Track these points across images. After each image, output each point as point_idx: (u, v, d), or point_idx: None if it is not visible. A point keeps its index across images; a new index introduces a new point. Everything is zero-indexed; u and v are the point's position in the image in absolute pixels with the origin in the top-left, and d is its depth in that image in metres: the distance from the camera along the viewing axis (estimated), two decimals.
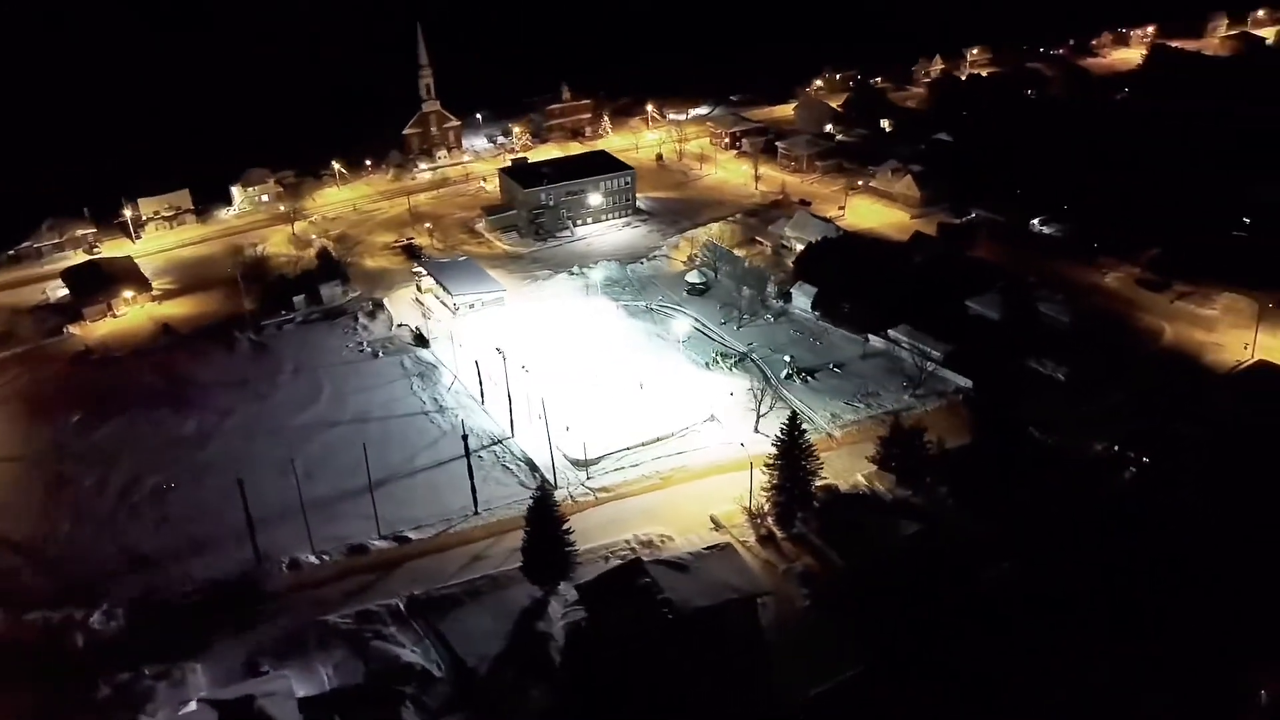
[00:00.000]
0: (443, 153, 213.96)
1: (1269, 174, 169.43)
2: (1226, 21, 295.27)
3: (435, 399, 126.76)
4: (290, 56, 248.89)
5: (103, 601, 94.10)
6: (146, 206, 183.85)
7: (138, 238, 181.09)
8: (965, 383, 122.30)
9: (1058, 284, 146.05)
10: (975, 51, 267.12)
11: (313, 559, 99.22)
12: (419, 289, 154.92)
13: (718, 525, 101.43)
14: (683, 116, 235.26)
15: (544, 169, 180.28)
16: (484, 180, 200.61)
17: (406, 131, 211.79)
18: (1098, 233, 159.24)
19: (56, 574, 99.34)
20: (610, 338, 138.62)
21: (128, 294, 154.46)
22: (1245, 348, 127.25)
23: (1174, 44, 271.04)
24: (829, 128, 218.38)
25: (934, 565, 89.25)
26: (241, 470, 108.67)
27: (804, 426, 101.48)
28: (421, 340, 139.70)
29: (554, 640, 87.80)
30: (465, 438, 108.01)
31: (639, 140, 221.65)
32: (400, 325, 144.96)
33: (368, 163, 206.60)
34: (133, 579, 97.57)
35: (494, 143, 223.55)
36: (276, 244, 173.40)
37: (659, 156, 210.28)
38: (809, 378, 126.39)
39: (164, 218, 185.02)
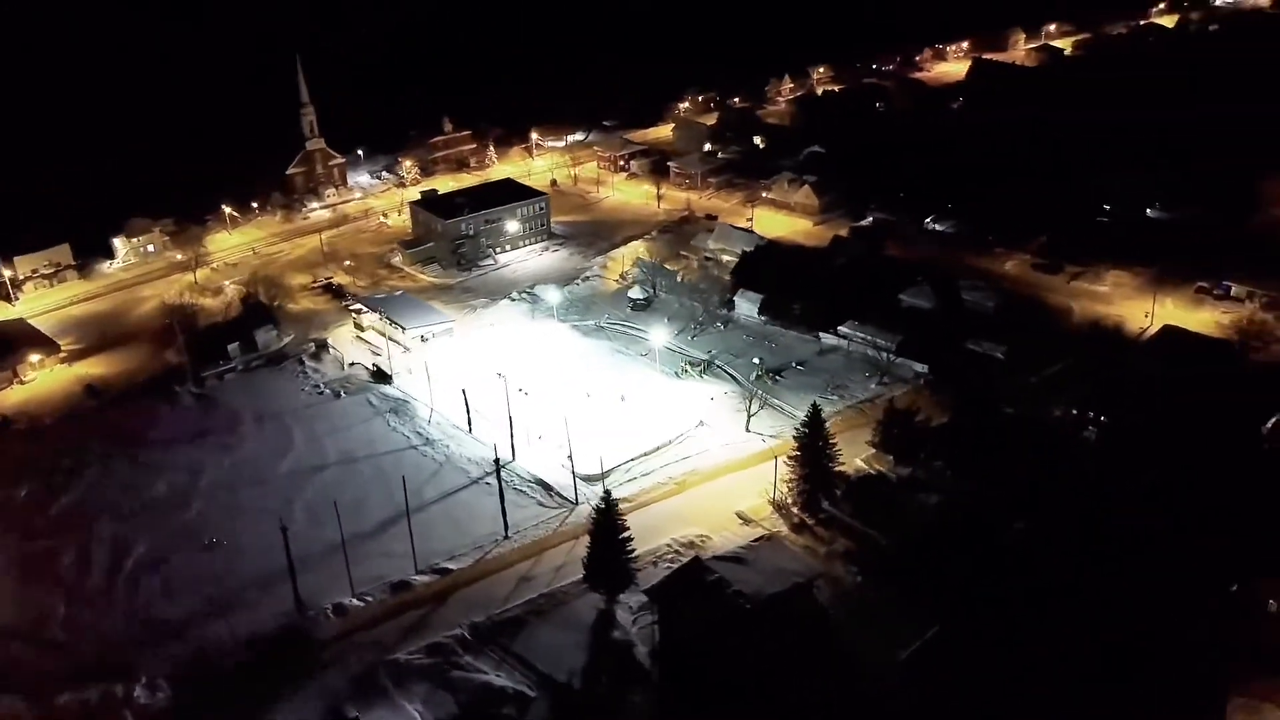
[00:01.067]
0: (330, 191, 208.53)
1: (1115, 167, 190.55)
2: (1024, 35, 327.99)
3: (418, 432, 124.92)
4: (158, 99, 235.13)
5: (139, 674, 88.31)
6: (23, 265, 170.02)
7: (16, 299, 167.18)
8: (921, 367, 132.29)
9: (968, 273, 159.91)
10: (820, 70, 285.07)
11: (356, 601, 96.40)
12: (359, 326, 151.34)
13: (746, 520, 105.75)
14: (561, 143, 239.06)
15: (459, 199, 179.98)
16: (384, 216, 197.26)
17: (291, 171, 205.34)
18: (985, 227, 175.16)
19: (68, 654, 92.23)
20: (572, 357, 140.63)
21: (34, 357, 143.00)
22: (1146, 316, 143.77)
23: (987, 56, 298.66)
24: (708, 147, 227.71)
25: (965, 530, 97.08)
26: (235, 524, 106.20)
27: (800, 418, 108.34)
28: (382, 376, 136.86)
29: (636, 645, 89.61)
30: (497, 461, 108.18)
31: (530, 168, 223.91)
32: (353, 364, 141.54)
33: (254, 205, 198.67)
34: (161, 649, 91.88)
35: (379, 178, 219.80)
36: (176, 294, 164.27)
37: (553, 182, 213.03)
38: (777, 377, 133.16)
39: (43, 276, 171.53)
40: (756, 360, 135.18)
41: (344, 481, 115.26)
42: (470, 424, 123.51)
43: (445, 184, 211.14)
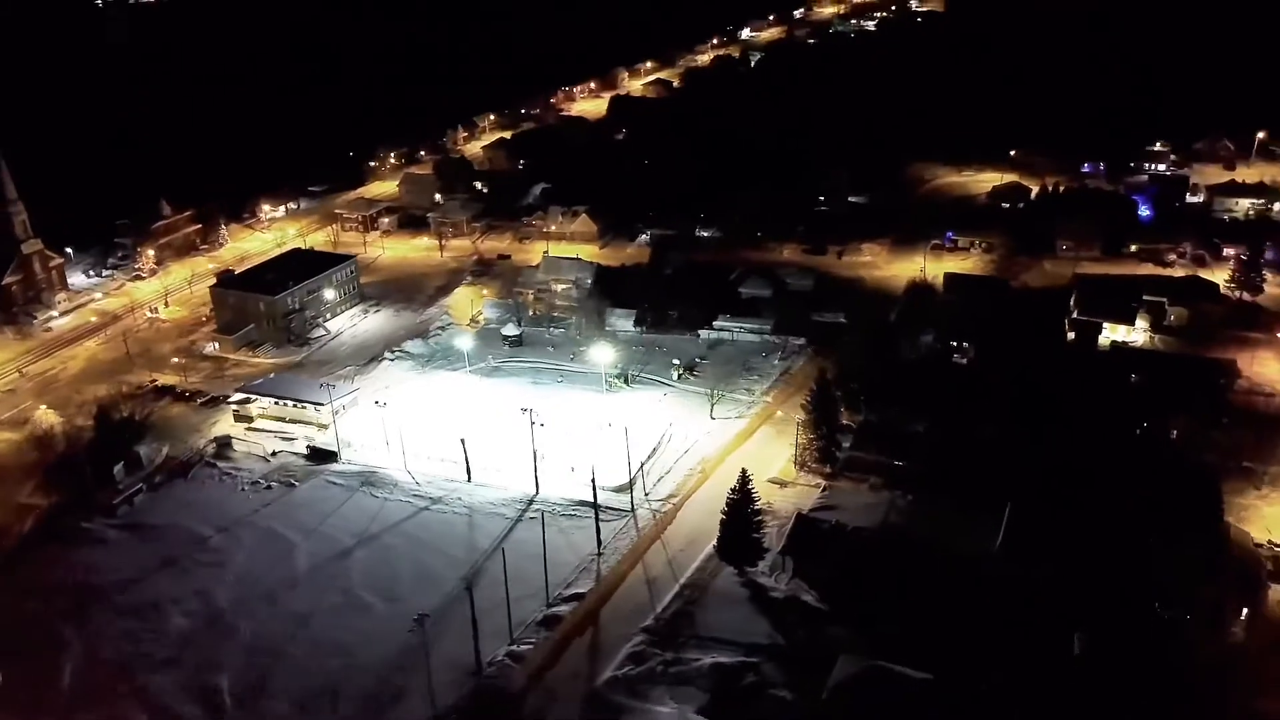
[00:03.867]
0: (61, 295, 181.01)
1: (815, 166, 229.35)
2: (627, 72, 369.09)
3: (416, 495, 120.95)
4: None
5: None
6: None
7: None
8: (800, 340, 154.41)
9: (758, 266, 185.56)
10: (490, 118, 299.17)
11: (522, 647, 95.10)
12: (244, 418, 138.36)
13: (782, 483, 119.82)
14: (280, 212, 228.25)
15: (268, 275, 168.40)
16: (153, 309, 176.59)
17: (8, 280, 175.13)
18: (743, 227, 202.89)
19: None
20: (498, 397, 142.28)
21: None
22: (921, 270, 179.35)
23: (617, 93, 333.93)
24: (437, 197, 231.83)
25: (954, 441, 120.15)
26: (309, 628, 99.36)
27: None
28: (324, 455, 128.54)
29: (800, 595, 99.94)
30: (593, 483, 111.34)
31: (282, 237, 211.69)
32: (276, 452, 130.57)
33: None
34: None
35: (101, 275, 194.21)
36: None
37: (289, 250, 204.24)
38: (692, 373, 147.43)
39: None
40: (675, 362, 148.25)
41: (383, 557, 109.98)
42: (469, 473, 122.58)
43: (180, 270, 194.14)
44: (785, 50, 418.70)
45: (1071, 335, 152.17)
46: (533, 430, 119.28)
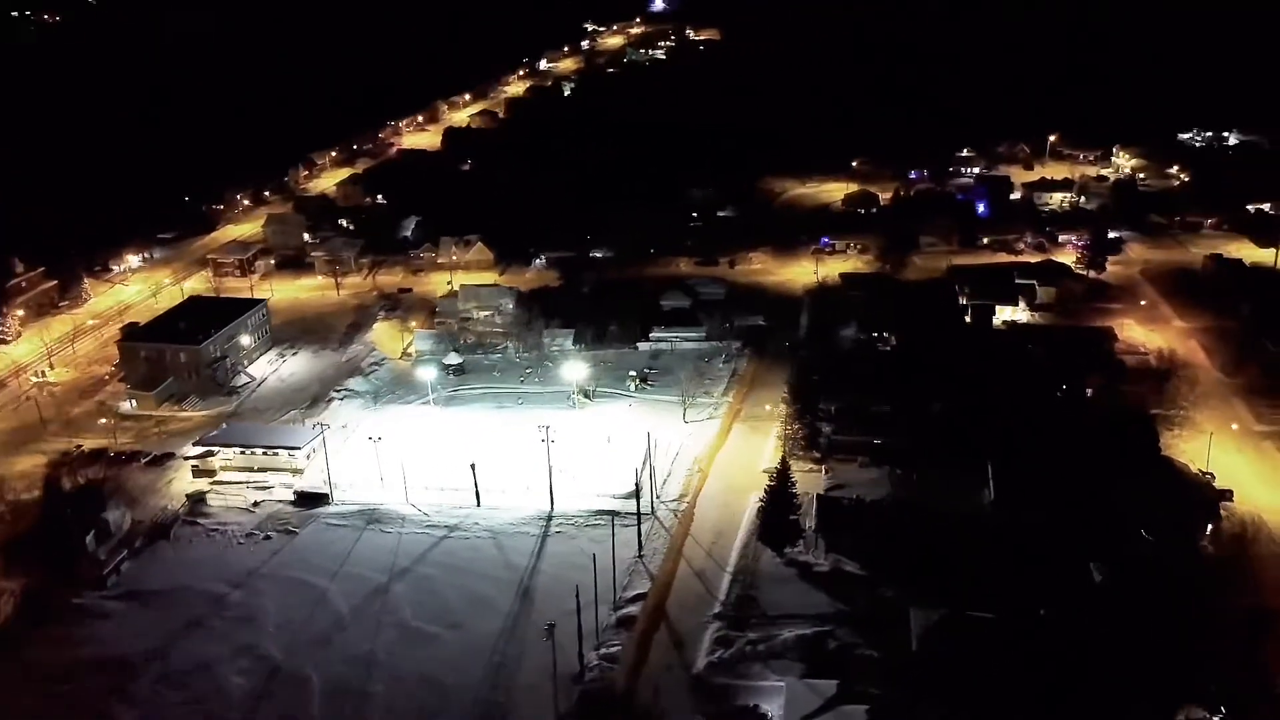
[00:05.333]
0: None
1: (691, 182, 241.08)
2: (446, 106, 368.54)
3: (429, 525, 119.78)
4: None
5: None
6: None
7: None
8: (738, 342, 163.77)
9: (659, 279, 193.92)
10: (330, 155, 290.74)
11: (610, 649, 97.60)
12: (206, 473, 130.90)
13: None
14: (136, 262, 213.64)
15: (181, 324, 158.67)
16: (38, 373, 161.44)
17: None
18: (633, 245, 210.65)
19: None
20: (467, 424, 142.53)
21: None
22: (815, 273, 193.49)
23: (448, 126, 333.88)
24: (306, 236, 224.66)
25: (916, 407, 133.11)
26: (382, 666, 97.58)
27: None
28: (314, 499, 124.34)
29: (842, 564, 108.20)
30: (637, 489, 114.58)
31: (154, 287, 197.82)
32: (259, 503, 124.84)
33: None
34: None
35: None
36: None
37: (188, 299, 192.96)
38: (646, 383, 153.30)
39: None
40: (632, 373, 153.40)
41: (425, 587, 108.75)
42: (479, 497, 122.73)
43: (42, 332, 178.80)
44: (595, 78, 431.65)
45: (968, 318, 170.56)
46: (548, 448, 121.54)
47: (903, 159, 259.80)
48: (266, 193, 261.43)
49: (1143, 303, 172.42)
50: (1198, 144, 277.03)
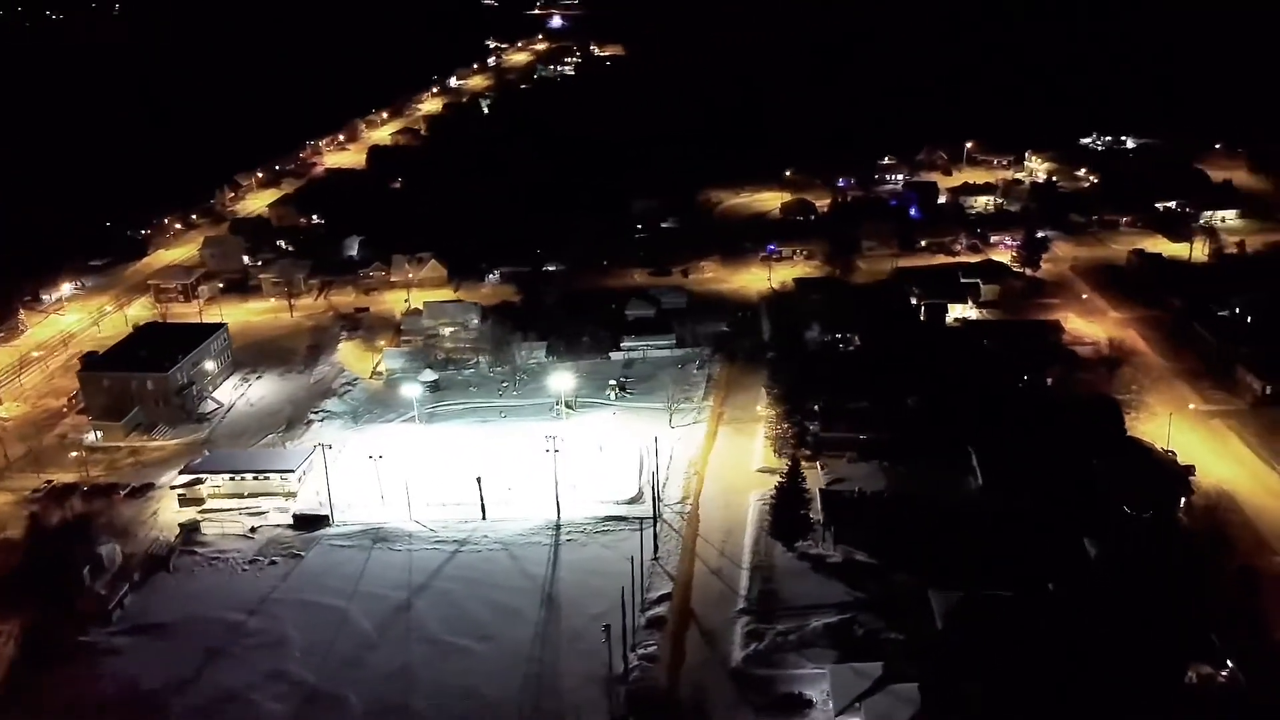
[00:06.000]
0: None
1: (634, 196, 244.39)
2: (364, 125, 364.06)
3: (438, 540, 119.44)
4: None
5: None
6: None
7: None
8: (708, 348, 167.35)
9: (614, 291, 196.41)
10: (255, 177, 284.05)
11: (647, 649, 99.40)
12: (194, 501, 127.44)
13: (772, 470, 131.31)
14: (68, 291, 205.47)
15: (142, 352, 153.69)
16: None
17: None
18: (585, 257, 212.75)
19: None
20: (451, 439, 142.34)
21: None
22: (768, 279, 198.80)
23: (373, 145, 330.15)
24: (245, 259, 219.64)
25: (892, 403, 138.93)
26: (410, 681, 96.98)
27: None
28: (314, 521, 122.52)
29: (854, 554, 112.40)
30: (654, 495, 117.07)
31: (96, 317, 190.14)
32: (254, 529, 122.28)
33: None
34: None
35: None
36: None
37: (144, 325, 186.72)
38: (626, 391, 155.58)
39: None
40: (612, 382, 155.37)
41: (447, 601, 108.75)
42: (484, 511, 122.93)
43: None
44: (509, 94, 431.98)
45: (922, 316, 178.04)
46: (555, 458, 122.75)
47: (831, 168, 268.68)
48: (194, 216, 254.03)
49: (1084, 296, 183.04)
50: (1099, 148, 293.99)
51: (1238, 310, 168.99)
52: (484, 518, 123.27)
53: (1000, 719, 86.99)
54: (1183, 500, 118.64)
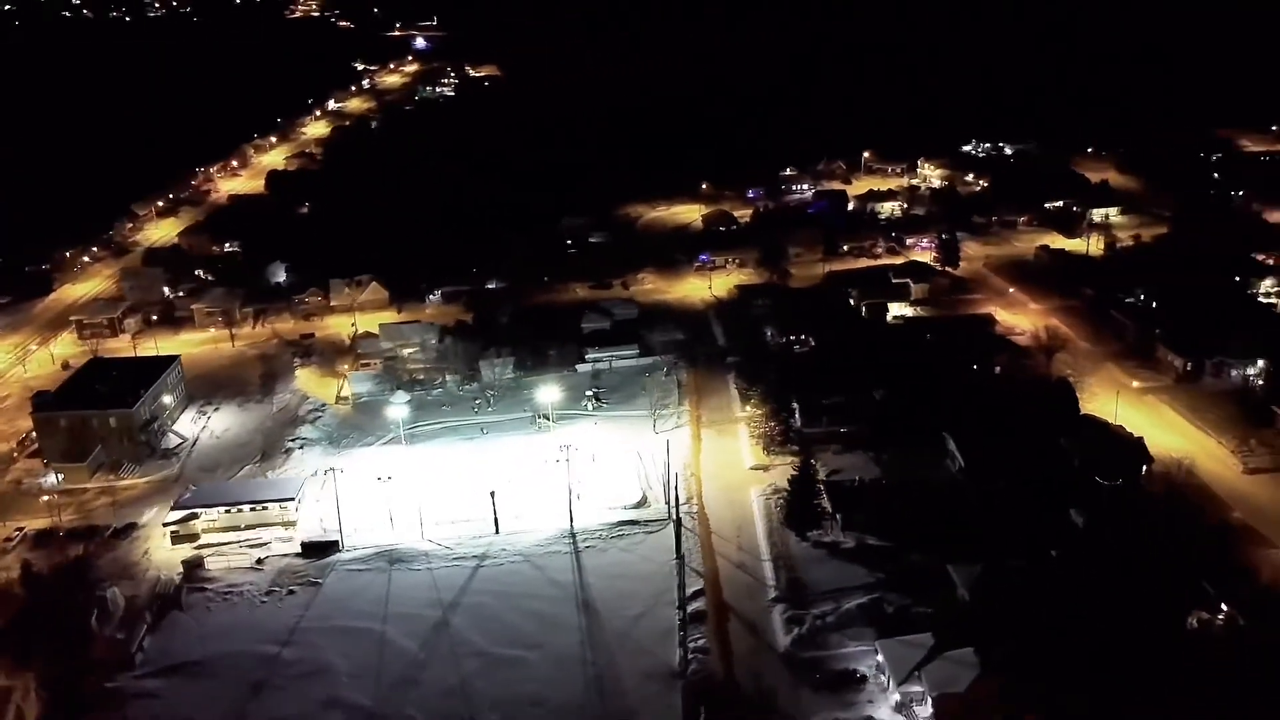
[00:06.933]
0: None
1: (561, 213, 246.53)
2: (274, 139, 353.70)
3: (457, 557, 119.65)
4: None
5: None
6: None
7: None
8: (672, 357, 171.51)
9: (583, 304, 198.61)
10: (156, 206, 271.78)
11: (698, 643, 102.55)
12: (189, 537, 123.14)
13: (765, 467, 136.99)
14: None
15: (99, 387, 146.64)
16: None
17: None
18: (526, 274, 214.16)
19: None
20: (438, 458, 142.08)
21: None
22: (709, 288, 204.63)
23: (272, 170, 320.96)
24: (166, 290, 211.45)
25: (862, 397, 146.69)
26: (471, 695, 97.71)
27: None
28: (323, 548, 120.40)
29: (866, 540, 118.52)
30: (674, 499, 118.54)
31: (20, 356, 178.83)
32: (261, 560, 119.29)
33: None
34: None
35: None
36: None
37: (65, 364, 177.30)
38: (601, 401, 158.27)
39: None
40: (589, 393, 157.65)
41: (486, 615, 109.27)
42: (498, 525, 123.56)
43: None
44: (404, 115, 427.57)
45: (865, 316, 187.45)
46: (568, 468, 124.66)
47: (739, 181, 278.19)
48: (95, 249, 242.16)
49: (1011, 290, 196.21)
50: (980, 155, 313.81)
51: (1143, 297, 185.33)
52: (497, 531, 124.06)
53: (1038, 672, 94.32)
54: (1144, 468, 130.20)
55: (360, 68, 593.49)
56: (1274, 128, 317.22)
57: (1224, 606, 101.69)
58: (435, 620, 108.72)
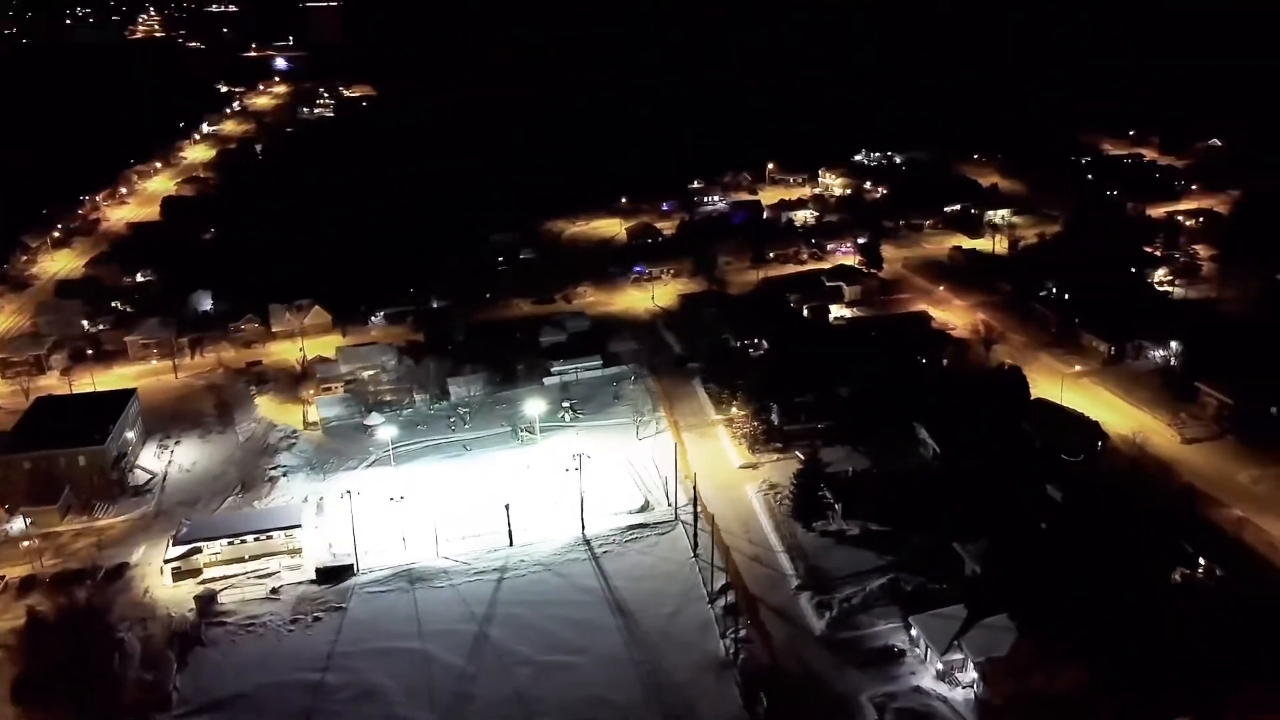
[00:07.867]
0: None
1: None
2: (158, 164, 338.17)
3: (477, 570, 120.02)
4: None
5: None
6: None
7: None
8: (630, 365, 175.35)
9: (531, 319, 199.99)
10: (52, 236, 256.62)
11: (740, 633, 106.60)
12: (191, 573, 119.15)
13: (754, 465, 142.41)
14: None
15: (63, 426, 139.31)
16: None
17: None
18: (468, 291, 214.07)
19: None
20: (424, 476, 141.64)
21: None
22: (652, 298, 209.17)
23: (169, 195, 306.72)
24: (85, 323, 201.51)
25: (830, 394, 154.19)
26: (529, 702, 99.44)
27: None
28: (338, 572, 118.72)
29: (870, 527, 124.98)
30: (695, 500, 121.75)
31: None
32: (275, 590, 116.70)
33: None
34: None
35: None
36: None
37: (40, 399, 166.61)
38: (576, 412, 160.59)
39: None
40: (565, 404, 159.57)
41: (524, 624, 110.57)
42: (511, 537, 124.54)
43: None
44: (287, 137, 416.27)
45: (807, 316, 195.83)
46: (580, 478, 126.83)
47: (651, 194, 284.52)
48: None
49: (941, 288, 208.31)
50: (870, 164, 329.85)
51: (1054, 290, 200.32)
52: (511, 544, 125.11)
53: (1064, 630, 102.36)
54: (1099, 445, 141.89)
55: (225, 89, 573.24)
56: (1130, 132, 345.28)
57: (1202, 561, 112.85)
58: (474, 634, 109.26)
